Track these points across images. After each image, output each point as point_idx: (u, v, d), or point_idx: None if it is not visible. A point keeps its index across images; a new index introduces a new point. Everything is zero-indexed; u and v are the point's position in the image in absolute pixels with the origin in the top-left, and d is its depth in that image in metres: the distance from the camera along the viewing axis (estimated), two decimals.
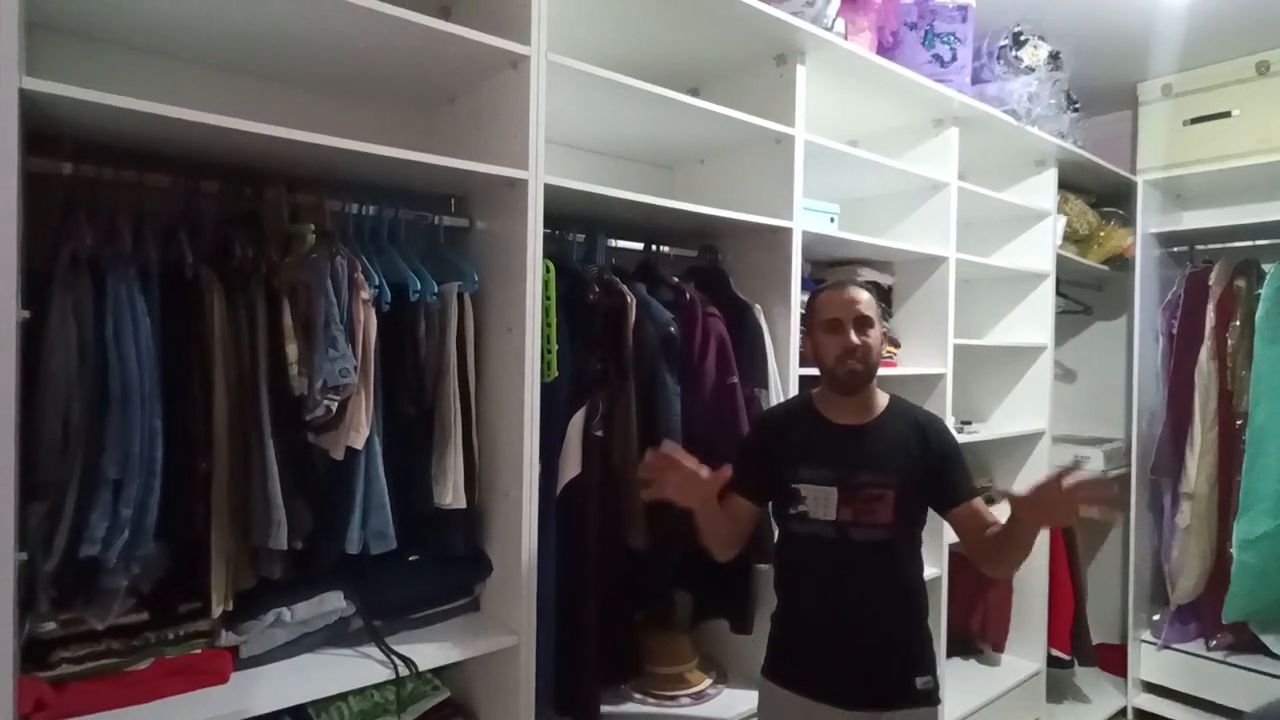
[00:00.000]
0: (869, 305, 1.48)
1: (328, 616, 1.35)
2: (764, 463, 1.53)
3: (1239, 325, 2.77)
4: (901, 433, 1.50)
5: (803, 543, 1.49)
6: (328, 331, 1.20)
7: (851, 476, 1.44)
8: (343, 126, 1.25)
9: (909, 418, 1.53)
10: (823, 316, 1.50)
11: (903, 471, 1.45)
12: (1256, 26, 2.56)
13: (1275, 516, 2.63)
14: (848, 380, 1.48)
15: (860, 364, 1.46)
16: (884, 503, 1.43)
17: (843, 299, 1.48)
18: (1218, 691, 2.80)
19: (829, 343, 1.48)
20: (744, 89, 1.92)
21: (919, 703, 1.46)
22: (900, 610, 1.49)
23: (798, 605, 1.53)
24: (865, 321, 1.47)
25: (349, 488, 1.32)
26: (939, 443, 1.50)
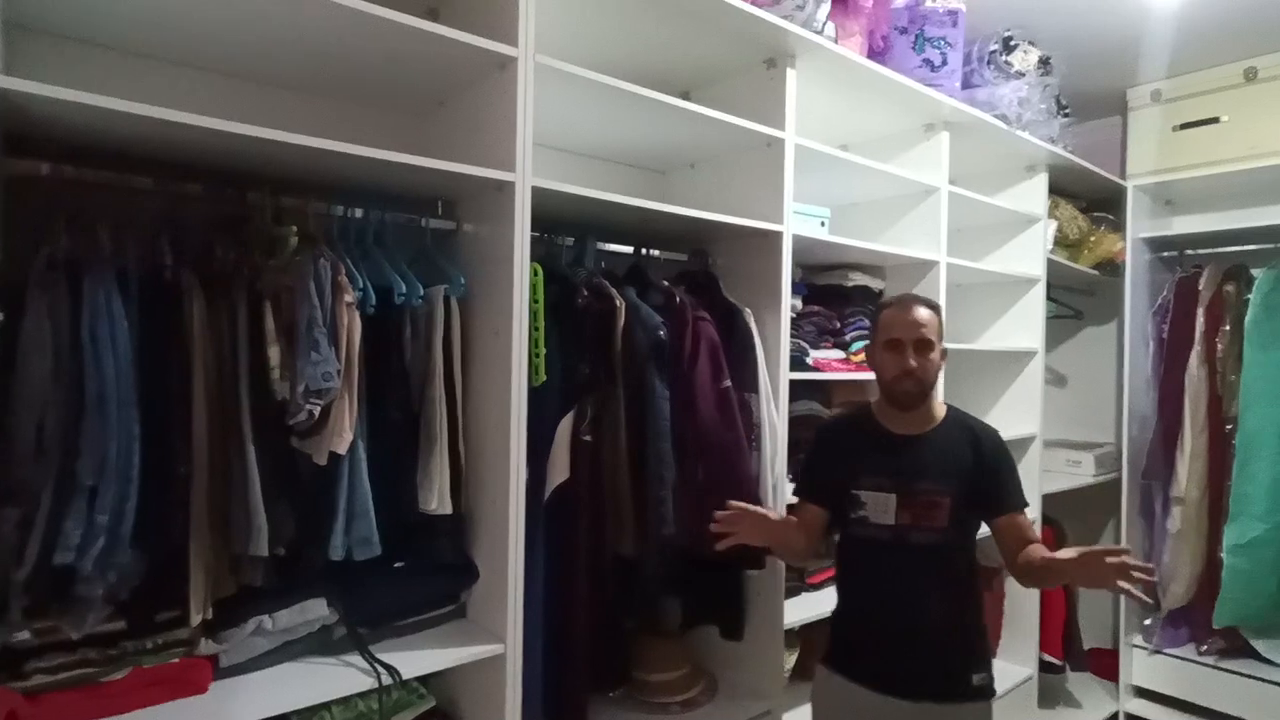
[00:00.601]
0: (931, 327, 1.57)
1: (310, 624, 1.33)
2: (827, 469, 1.65)
3: (1228, 330, 2.77)
4: (957, 442, 1.59)
5: (863, 545, 1.60)
6: (310, 335, 1.19)
7: (910, 484, 1.53)
8: (331, 129, 1.24)
9: (965, 428, 1.62)
10: (885, 335, 1.59)
11: (958, 479, 1.54)
12: (1245, 33, 2.57)
13: (1265, 521, 2.63)
14: (902, 398, 1.58)
15: (915, 386, 1.55)
16: (940, 509, 1.52)
17: (906, 320, 1.57)
18: (1209, 696, 2.80)
19: (888, 361, 1.57)
20: (735, 93, 1.91)
21: (975, 697, 1.55)
22: (955, 609, 1.57)
23: (858, 603, 1.65)
24: (925, 345, 1.55)
25: (332, 493, 1.30)
26: (992, 453, 1.59)
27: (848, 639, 1.65)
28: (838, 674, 1.62)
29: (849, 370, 2.19)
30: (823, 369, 2.11)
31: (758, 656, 1.89)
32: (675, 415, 1.64)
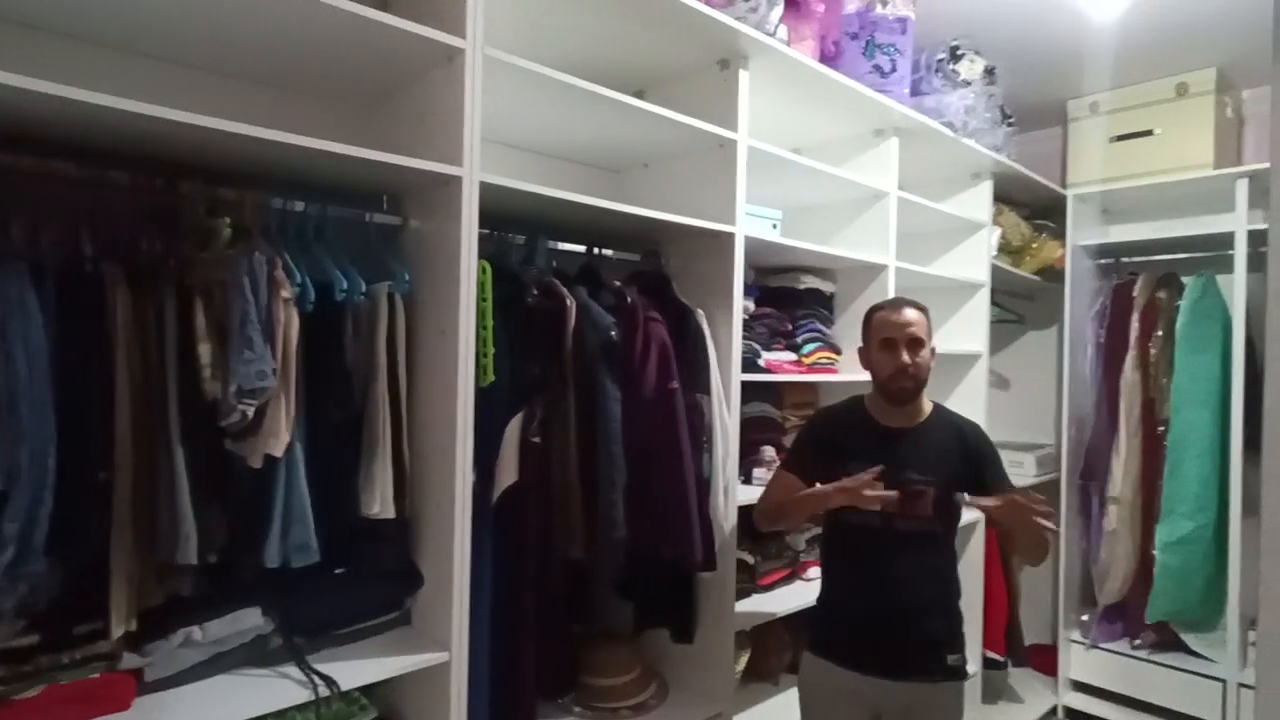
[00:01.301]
0: (921, 326, 1.67)
1: (244, 635, 1.28)
2: (819, 451, 1.74)
3: (1161, 335, 2.88)
4: (943, 436, 1.69)
5: (852, 532, 1.67)
6: (243, 332, 1.13)
7: (898, 473, 1.60)
8: (271, 119, 1.19)
9: (951, 423, 1.74)
10: (879, 336, 1.68)
11: (944, 470, 1.63)
12: (1176, 50, 2.68)
13: (1194, 519, 2.74)
14: (899, 394, 1.67)
15: (911, 381, 1.65)
16: (926, 498, 1.60)
17: (898, 320, 1.66)
18: (1142, 689, 2.91)
19: (883, 360, 1.67)
20: (688, 93, 1.91)
21: (951, 677, 1.65)
22: (936, 594, 1.67)
23: (845, 588, 1.72)
24: (918, 343, 1.65)
25: (268, 498, 1.25)
26: (977, 445, 1.71)
27: (833, 624, 1.72)
28: (823, 659, 1.69)
29: (800, 372, 2.20)
30: (775, 371, 2.12)
31: (709, 658, 1.89)
32: (626, 416, 1.63)
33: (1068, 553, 3.09)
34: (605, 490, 1.59)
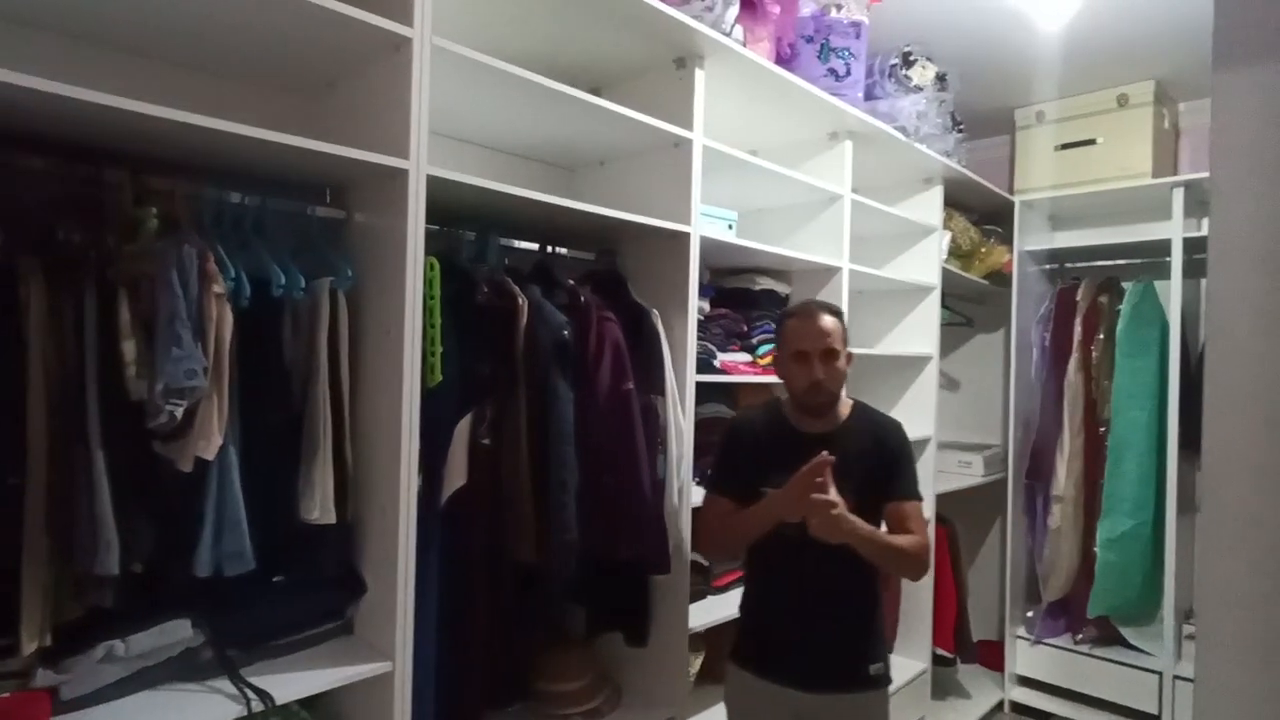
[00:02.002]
0: (836, 335, 1.62)
1: (172, 648, 1.21)
2: (739, 465, 1.67)
3: (1102, 339, 2.97)
4: (862, 438, 1.64)
5: (771, 542, 1.59)
6: (171, 328, 1.07)
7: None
8: (207, 106, 1.12)
9: (870, 423, 1.69)
10: (791, 347, 1.62)
11: (861, 476, 1.58)
12: (1118, 61, 2.77)
13: (1133, 517, 2.83)
14: (813, 407, 1.63)
15: (824, 395, 1.61)
16: (845, 506, 1.51)
17: (811, 331, 1.60)
18: (1084, 682, 2.99)
19: (796, 372, 1.62)
20: (644, 91, 1.89)
21: (872, 686, 1.62)
22: (857, 604, 1.63)
23: (766, 599, 1.68)
24: (831, 354, 1.60)
25: (199, 503, 1.19)
26: (892, 445, 1.66)
27: (755, 635, 1.69)
28: (745, 671, 1.66)
29: (756, 373, 2.20)
30: (730, 372, 2.11)
31: (662, 662, 1.87)
32: (579, 418, 1.60)
33: (1014, 551, 3.17)
34: (557, 493, 1.55)
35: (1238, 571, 0.79)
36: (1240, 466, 0.77)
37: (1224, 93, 0.71)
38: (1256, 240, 0.71)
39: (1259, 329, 0.73)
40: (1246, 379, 0.76)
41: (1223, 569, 0.81)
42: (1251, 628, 0.79)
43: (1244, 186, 0.70)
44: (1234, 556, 0.79)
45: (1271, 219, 0.69)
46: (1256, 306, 0.73)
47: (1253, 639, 0.79)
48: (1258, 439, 0.76)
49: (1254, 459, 0.77)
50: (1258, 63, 0.68)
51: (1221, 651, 0.81)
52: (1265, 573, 0.77)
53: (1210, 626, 0.84)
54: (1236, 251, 0.72)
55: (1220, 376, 0.76)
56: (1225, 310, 0.76)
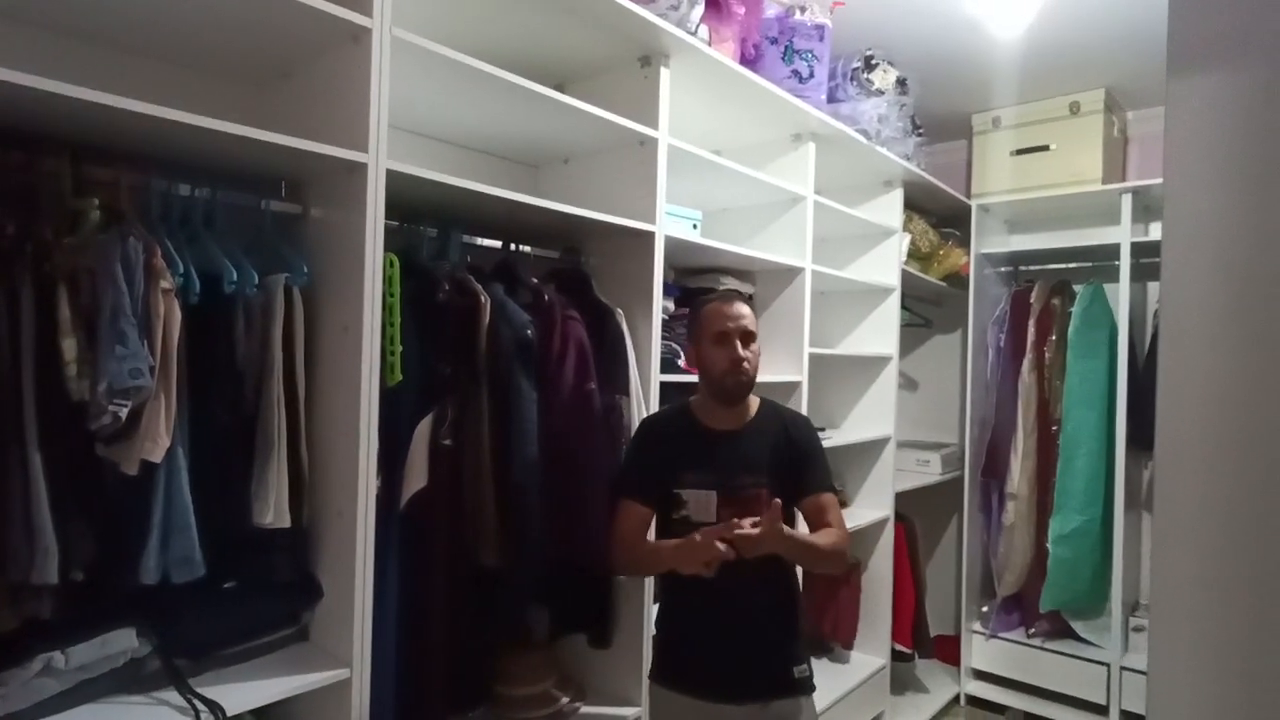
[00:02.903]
0: (752, 320, 1.59)
1: (115, 659, 1.16)
2: (650, 466, 1.60)
3: (1055, 340, 3.05)
4: (771, 434, 1.60)
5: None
6: (115, 325, 1.03)
7: (729, 479, 1.53)
8: (157, 94, 1.08)
9: (778, 418, 1.64)
10: (711, 329, 1.57)
11: (773, 470, 1.54)
12: (1070, 70, 2.84)
13: (1083, 514, 2.92)
14: (734, 390, 1.57)
15: (745, 376, 1.56)
16: (759, 502, 1.49)
17: (730, 313, 1.57)
18: (1037, 675, 3.06)
19: (716, 355, 1.56)
20: (609, 89, 1.88)
21: (797, 691, 1.56)
22: (777, 607, 1.58)
23: (682, 607, 1.60)
24: (750, 336, 1.57)
25: (145, 507, 1.14)
26: (800, 438, 1.62)
27: (672, 648, 1.62)
28: (667, 688, 1.59)
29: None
30: (694, 372, 2.11)
31: (627, 663, 1.85)
32: (542, 418, 1.58)
33: (970, 547, 3.23)
34: (520, 494, 1.53)
35: (1189, 566, 0.81)
36: (1191, 465, 0.79)
37: (1177, 100, 0.73)
38: (1208, 245, 0.73)
39: (1210, 332, 0.75)
40: (1198, 380, 0.78)
41: (1174, 564, 0.83)
42: (1201, 620, 0.81)
43: (1196, 193, 0.72)
44: (1185, 552, 0.81)
45: (1223, 225, 0.72)
46: (1207, 310, 0.75)
47: (1203, 630, 0.81)
48: (1208, 439, 0.78)
49: (1204, 457, 0.79)
50: (1210, 71, 0.70)
51: (1173, 642, 0.83)
52: (1215, 567, 0.79)
53: (1162, 619, 0.86)
54: (1189, 256, 0.74)
55: (1172, 378, 0.78)
56: (1177, 314, 0.78)
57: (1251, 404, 0.75)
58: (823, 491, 1.59)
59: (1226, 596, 0.80)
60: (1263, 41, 0.70)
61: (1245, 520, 0.77)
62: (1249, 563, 0.77)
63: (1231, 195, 0.73)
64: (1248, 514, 0.77)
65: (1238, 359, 0.76)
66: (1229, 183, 0.72)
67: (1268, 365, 0.74)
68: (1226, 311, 0.75)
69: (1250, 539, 0.77)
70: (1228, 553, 0.78)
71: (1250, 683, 0.78)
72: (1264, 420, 0.75)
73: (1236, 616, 0.79)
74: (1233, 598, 0.79)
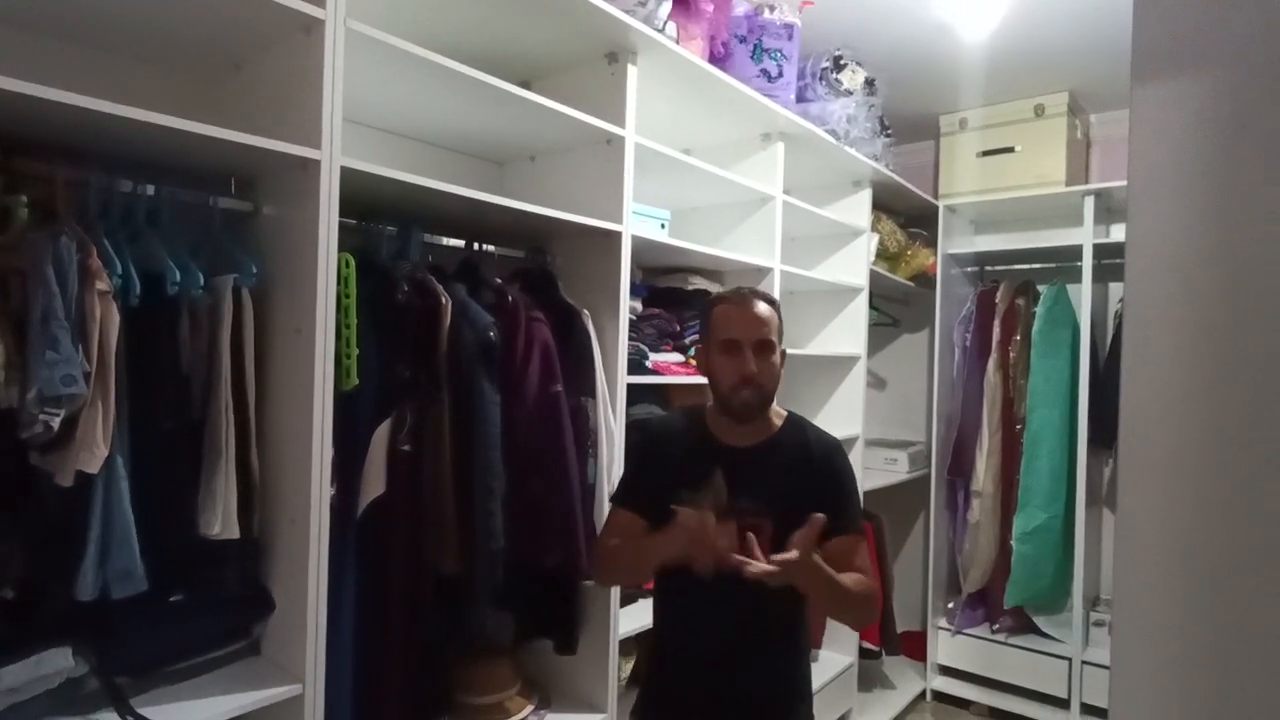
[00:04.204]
0: (772, 326, 1.37)
1: (49, 679, 1.10)
2: (649, 477, 1.43)
3: (1019, 340, 3.09)
4: (789, 458, 1.39)
5: (679, 573, 1.28)
6: (46, 329, 0.97)
7: (732, 503, 1.29)
8: (101, 87, 1.03)
9: (800, 439, 1.42)
10: (720, 335, 1.36)
11: (783, 501, 1.31)
12: (1035, 72, 2.87)
13: (1046, 510, 2.96)
14: (741, 409, 1.36)
15: (756, 395, 1.35)
16: (762, 534, 1.25)
17: (745, 318, 1.35)
18: (1000, 670, 3.11)
19: (724, 366, 1.35)
20: (576, 86, 1.84)
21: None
22: (776, 645, 1.41)
23: (672, 638, 1.45)
24: (767, 346, 1.35)
25: (82, 520, 1.08)
26: (826, 467, 1.39)
27: (661, 679, 1.46)
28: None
29: (689, 373, 2.19)
30: (662, 372, 2.09)
31: (592, 668, 1.83)
32: (505, 421, 1.54)
33: (936, 544, 3.26)
34: (482, 500, 1.50)
35: (1151, 563, 0.81)
36: (1153, 464, 0.79)
37: (1142, 105, 0.72)
38: (1171, 249, 0.73)
39: (1173, 335, 0.75)
40: (1161, 382, 0.77)
41: (1136, 561, 0.83)
42: (1163, 617, 0.81)
43: (1160, 197, 0.72)
44: (1146, 550, 0.81)
45: (1186, 229, 0.71)
46: (1171, 313, 0.74)
47: (1165, 627, 0.81)
48: (1170, 439, 0.78)
49: (1167, 457, 0.79)
50: (1175, 76, 0.70)
51: (1135, 640, 0.83)
52: (1176, 565, 0.79)
53: (1125, 616, 0.86)
54: (1152, 260, 0.74)
55: (1136, 379, 0.78)
56: (1141, 316, 0.77)
57: (1213, 404, 0.75)
58: (850, 533, 1.35)
59: (1188, 594, 0.80)
60: (1227, 45, 0.70)
61: (1207, 518, 0.77)
62: (1211, 561, 0.77)
63: (1195, 198, 0.72)
64: (1210, 512, 0.77)
65: (1200, 360, 0.76)
66: (1192, 186, 0.72)
67: (1229, 366, 0.74)
68: (1189, 313, 0.75)
69: (1212, 537, 0.77)
70: (1190, 551, 0.78)
71: (1213, 680, 0.78)
72: (1226, 421, 0.75)
73: (1198, 613, 0.79)
74: (1195, 595, 0.79)
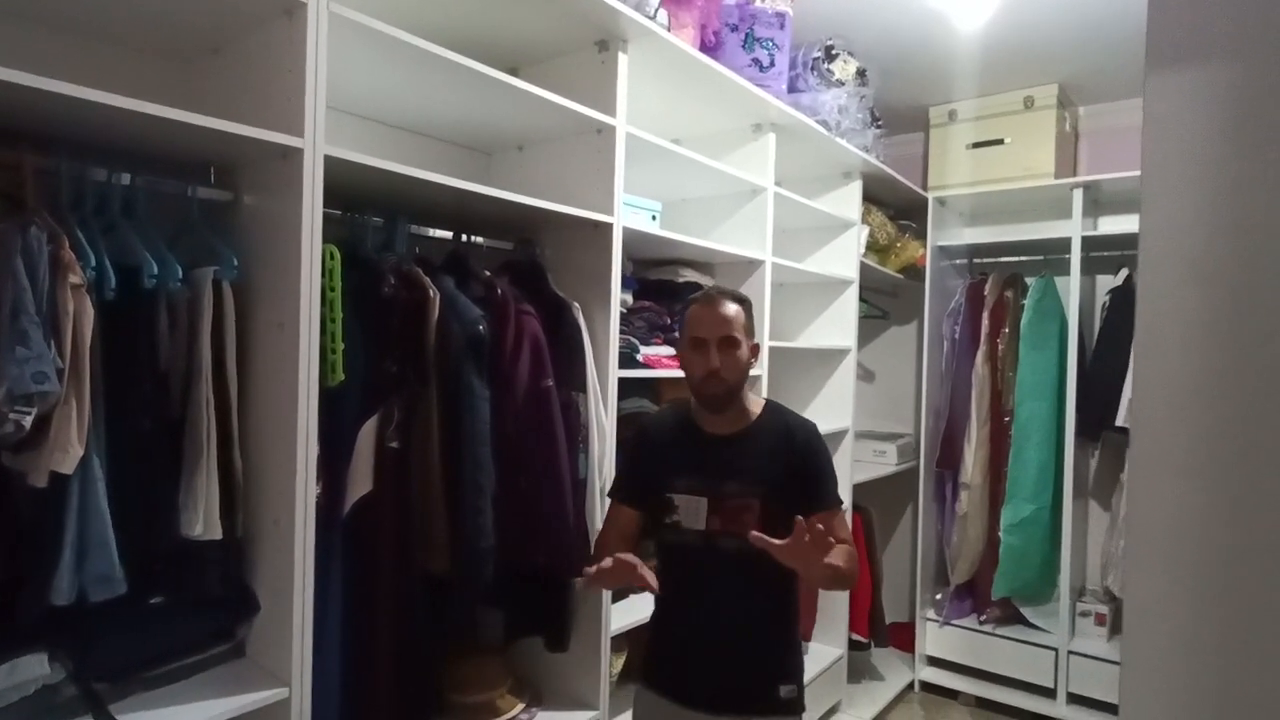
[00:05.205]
0: (737, 324, 1.47)
1: (24, 687, 1.07)
2: (643, 470, 1.55)
3: (1008, 332, 3.09)
4: (770, 441, 1.51)
5: (674, 553, 1.51)
6: (16, 325, 0.93)
7: (720, 486, 1.45)
8: (75, 72, 0.99)
9: (780, 424, 1.54)
10: (690, 333, 1.49)
11: (769, 481, 1.45)
12: (1025, 64, 2.86)
13: (1034, 502, 2.97)
14: (709, 400, 1.49)
15: (719, 386, 1.46)
16: (751, 513, 1.42)
17: (711, 317, 1.47)
18: (988, 660, 3.12)
19: (694, 361, 1.48)
20: (565, 74, 1.80)
21: (782, 711, 1.49)
22: (765, 620, 1.50)
23: (669, 613, 1.56)
24: (730, 342, 1.46)
25: (57, 522, 1.05)
26: (803, 449, 1.51)
27: (659, 652, 1.58)
28: (650, 690, 1.55)
29: (679, 367, 2.16)
30: (653, 366, 2.07)
31: (584, 664, 1.81)
32: (495, 417, 1.51)
33: (924, 536, 3.27)
34: (472, 497, 1.47)
35: (1161, 560, 0.80)
36: (1164, 459, 0.78)
37: (1156, 94, 0.70)
38: (1185, 243, 0.71)
39: (1186, 330, 0.73)
40: (1172, 375, 0.76)
41: (1147, 558, 0.81)
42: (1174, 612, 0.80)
43: (1175, 190, 0.70)
44: (1159, 551, 0.80)
45: (1201, 222, 0.70)
46: (1184, 308, 0.73)
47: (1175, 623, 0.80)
48: (1182, 436, 0.77)
49: (1178, 454, 0.78)
50: (1189, 66, 0.68)
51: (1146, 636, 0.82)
52: (1187, 561, 0.78)
53: (1136, 612, 0.85)
54: (1166, 254, 0.72)
55: (1148, 377, 0.76)
56: (1154, 311, 0.76)
57: (1225, 398, 0.74)
58: (830, 508, 1.48)
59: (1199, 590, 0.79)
60: (1241, 34, 0.68)
61: (1218, 514, 0.76)
62: (1222, 557, 0.77)
63: (1208, 188, 0.71)
64: (1220, 507, 0.76)
65: (1212, 353, 0.74)
66: (1205, 176, 0.70)
67: (1242, 360, 0.73)
68: (1202, 305, 0.74)
69: (1223, 532, 0.76)
70: (1201, 546, 0.77)
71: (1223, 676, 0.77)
72: (1237, 415, 0.74)
73: (1208, 610, 0.78)
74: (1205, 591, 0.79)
